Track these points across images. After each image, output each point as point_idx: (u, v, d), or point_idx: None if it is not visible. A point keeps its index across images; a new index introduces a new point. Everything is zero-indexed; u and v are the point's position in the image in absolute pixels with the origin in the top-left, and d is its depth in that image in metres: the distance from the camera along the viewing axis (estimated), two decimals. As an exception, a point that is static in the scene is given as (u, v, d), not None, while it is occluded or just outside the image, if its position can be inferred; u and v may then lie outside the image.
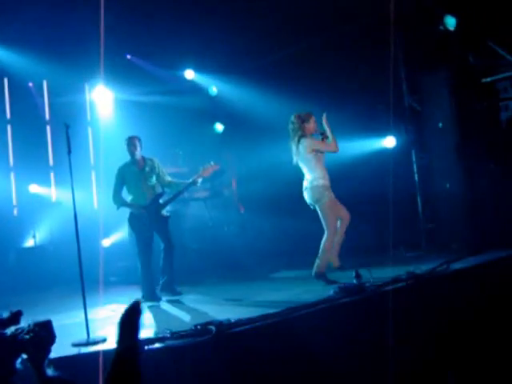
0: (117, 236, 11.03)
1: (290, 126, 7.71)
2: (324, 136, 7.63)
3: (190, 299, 7.59)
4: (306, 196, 7.60)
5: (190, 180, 7.87)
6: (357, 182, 11.87)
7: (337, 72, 11.57)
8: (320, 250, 7.56)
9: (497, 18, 9.67)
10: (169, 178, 8.06)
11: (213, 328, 4.91)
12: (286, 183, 13.35)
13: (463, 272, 7.38)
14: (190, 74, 13.06)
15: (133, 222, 7.76)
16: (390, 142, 10.72)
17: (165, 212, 7.85)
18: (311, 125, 7.66)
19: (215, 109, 13.84)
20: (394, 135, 10.68)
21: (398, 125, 10.45)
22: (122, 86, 12.02)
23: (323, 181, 7.49)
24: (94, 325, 5.91)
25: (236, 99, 13.30)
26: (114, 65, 10.84)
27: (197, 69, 13.09)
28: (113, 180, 7.92)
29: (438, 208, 9.92)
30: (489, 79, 10.00)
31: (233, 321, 5.16)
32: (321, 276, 7.50)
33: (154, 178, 7.88)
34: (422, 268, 7.28)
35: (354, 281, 6.69)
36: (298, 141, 7.58)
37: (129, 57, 12.29)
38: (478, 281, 7.29)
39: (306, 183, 7.58)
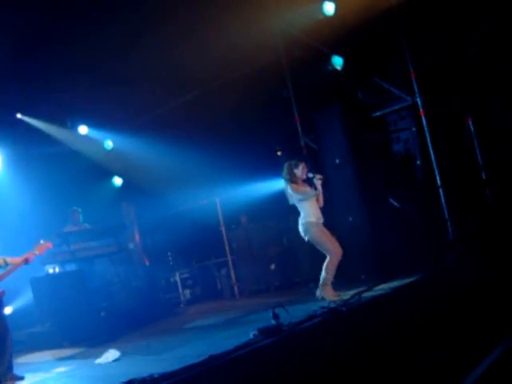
0: None
1: (282, 174, 8.67)
2: (315, 177, 8.49)
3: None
4: (300, 230, 8.59)
5: (21, 259, 6.86)
6: (262, 223, 12.01)
7: (233, 118, 11.76)
8: (323, 272, 8.44)
9: (380, 56, 10.19)
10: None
11: (136, 386, 4.74)
12: (191, 229, 13.36)
13: (374, 301, 7.58)
14: (83, 130, 12.86)
15: None
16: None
17: None
18: (300, 170, 8.53)
19: (112, 163, 13.69)
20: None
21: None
22: (12, 145, 11.63)
23: (311, 218, 8.47)
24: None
25: (132, 152, 13.23)
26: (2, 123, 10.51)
27: (90, 124, 12.92)
28: None
29: (343, 241, 10.09)
30: (378, 113, 10.47)
31: (156, 376, 4.99)
32: (327, 293, 8.31)
33: None
34: (336, 301, 7.43)
35: (272, 321, 6.66)
36: (287, 185, 8.60)
37: (19, 115, 11.90)
38: (389, 308, 7.50)
39: (299, 220, 8.58)
